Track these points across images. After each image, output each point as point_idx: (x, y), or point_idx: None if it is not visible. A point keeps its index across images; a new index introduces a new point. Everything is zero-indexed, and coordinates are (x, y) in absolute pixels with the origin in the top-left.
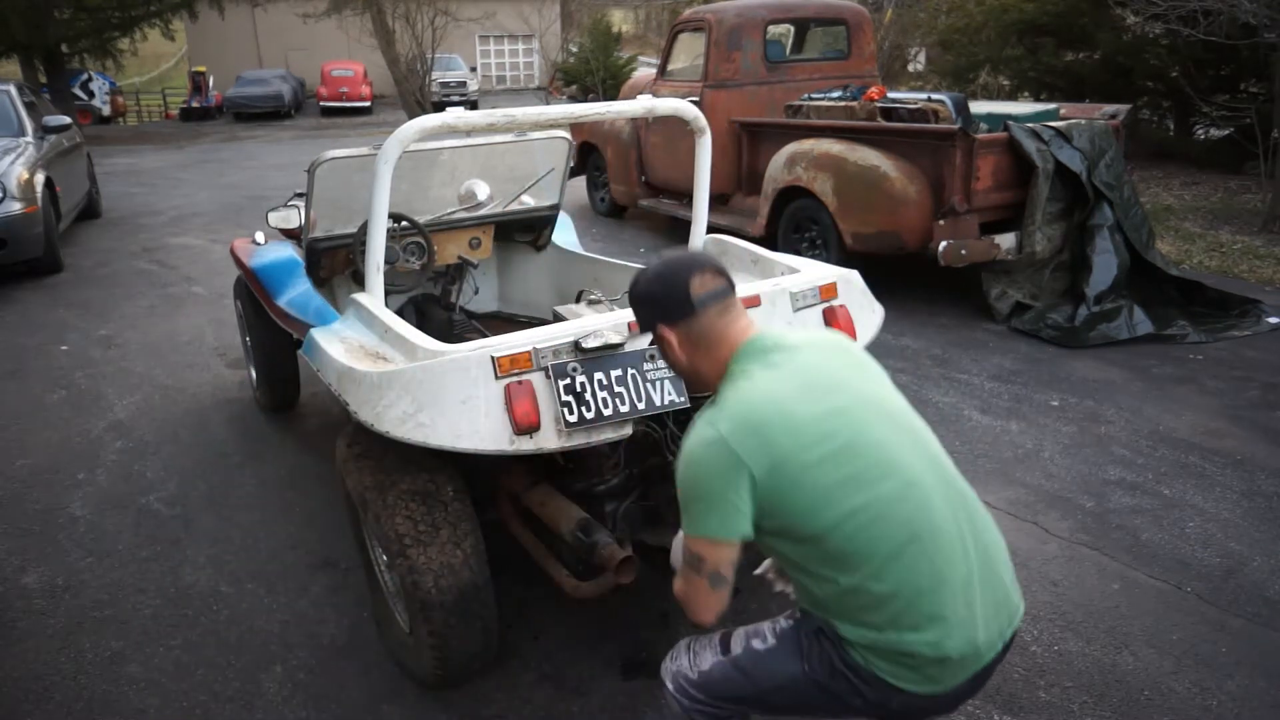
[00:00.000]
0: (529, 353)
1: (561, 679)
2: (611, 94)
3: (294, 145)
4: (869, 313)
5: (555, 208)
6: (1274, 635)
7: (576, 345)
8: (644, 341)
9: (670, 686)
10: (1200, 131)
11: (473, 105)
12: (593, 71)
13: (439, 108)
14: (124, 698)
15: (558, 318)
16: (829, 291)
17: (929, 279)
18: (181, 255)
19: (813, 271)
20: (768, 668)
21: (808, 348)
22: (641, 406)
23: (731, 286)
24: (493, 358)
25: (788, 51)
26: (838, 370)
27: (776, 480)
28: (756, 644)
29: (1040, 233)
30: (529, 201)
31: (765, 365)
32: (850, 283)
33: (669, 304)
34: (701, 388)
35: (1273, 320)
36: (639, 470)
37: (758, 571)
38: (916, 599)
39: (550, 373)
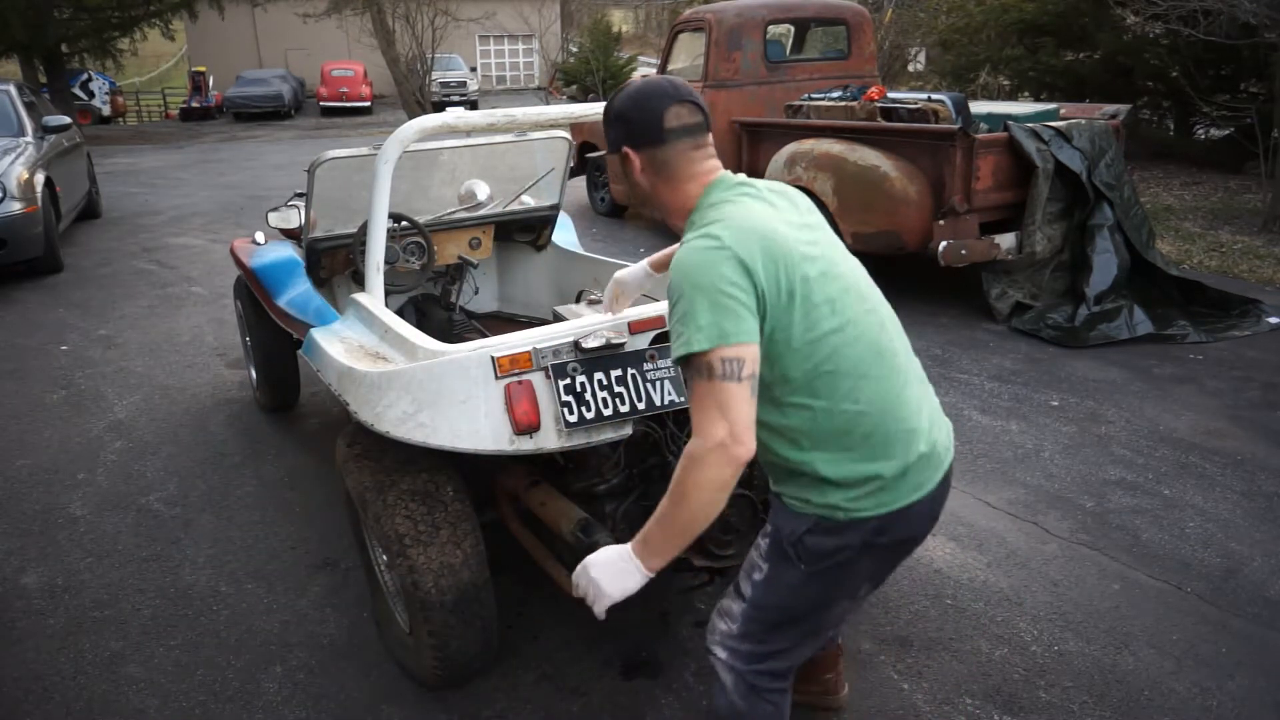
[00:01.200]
0: (529, 353)
1: (561, 679)
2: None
3: (294, 145)
4: None
5: (555, 208)
6: (1274, 635)
7: (576, 345)
8: (644, 341)
9: (724, 656)
10: (1200, 131)
11: (473, 105)
12: (593, 71)
13: (439, 108)
14: (124, 698)
15: (558, 318)
16: None
17: (929, 279)
18: (181, 255)
19: None
20: (775, 589)
21: (769, 190)
22: (641, 406)
23: (707, 124)
24: (493, 358)
25: (788, 51)
26: (800, 209)
27: (774, 293)
28: (756, 576)
29: (1040, 233)
30: (529, 201)
31: (742, 194)
32: None
33: (639, 128)
34: (660, 216)
35: (1273, 320)
36: (639, 470)
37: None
38: (884, 414)
39: (550, 373)
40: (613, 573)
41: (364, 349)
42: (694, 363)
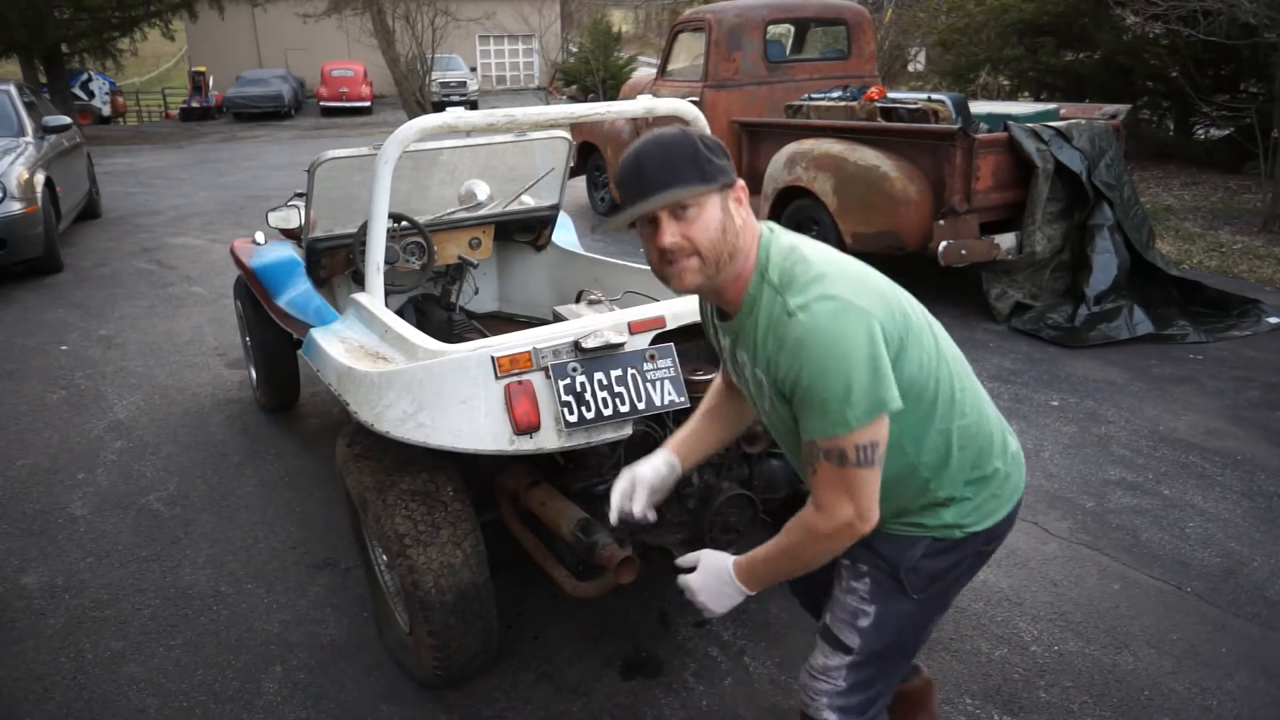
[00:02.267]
0: (529, 353)
1: (561, 679)
2: (611, 94)
3: (294, 145)
4: None
5: (555, 208)
6: (1274, 635)
7: (576, 345)
8: (644, 341)
9: (835, 717)
10: (1200, 131)
11: (473, 105)
12: (593, 71)
13: (439, 108)
14: (124, 698)
15: (558, 318)
16: None
17: (929, 279)
18: (181, 255)
19: None
20: (887, 628)
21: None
22: (641, 406)
23: None
24: (493, 358)
25: (788, 51)
26: None
27: (893, 330)
28: (863, 622)
29: (1040, 233)
30: (529, 201)
31: (793, 234)
32: None
33: (732, 162)
34: (718, 291)
35: (1273, 320)
36: None
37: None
38: (982, 420)
39: (550, 373)
40: (715, 594)
41: (364, 349)
42: (826, 445)
